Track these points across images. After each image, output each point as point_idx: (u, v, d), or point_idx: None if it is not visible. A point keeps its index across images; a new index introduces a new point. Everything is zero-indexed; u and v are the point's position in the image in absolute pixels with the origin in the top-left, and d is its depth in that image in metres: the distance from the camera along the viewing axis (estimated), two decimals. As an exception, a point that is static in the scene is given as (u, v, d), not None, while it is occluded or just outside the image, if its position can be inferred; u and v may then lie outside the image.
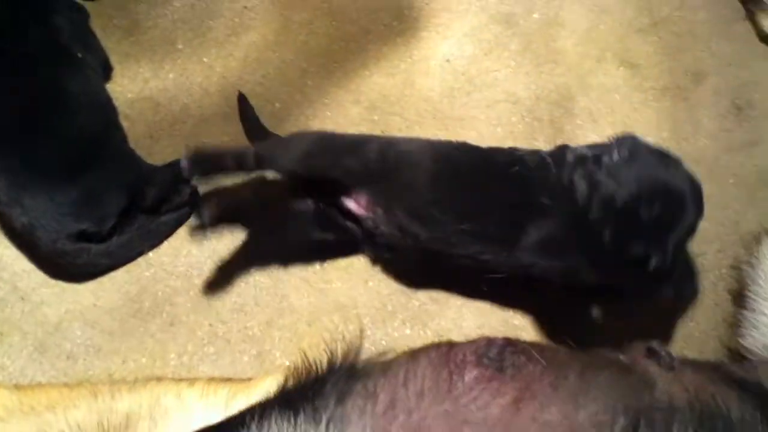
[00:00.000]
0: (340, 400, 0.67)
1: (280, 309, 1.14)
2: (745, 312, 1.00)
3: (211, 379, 1.04)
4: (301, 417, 0.66)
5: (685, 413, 0.65)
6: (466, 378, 0.68)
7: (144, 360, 1.11)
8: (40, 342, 1.10)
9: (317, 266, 1.17)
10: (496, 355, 0.70)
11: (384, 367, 0.72)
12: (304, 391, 0.71)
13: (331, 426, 0.64)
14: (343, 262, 1.17)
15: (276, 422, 0.66)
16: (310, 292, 1.15)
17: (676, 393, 0.69)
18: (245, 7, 1.36)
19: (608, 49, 1.35)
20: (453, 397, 0.66)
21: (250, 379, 1.00)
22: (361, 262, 1.17)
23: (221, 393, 0.97)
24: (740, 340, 0.98)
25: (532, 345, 0.73)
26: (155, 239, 1.17)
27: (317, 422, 0.65)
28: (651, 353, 0.96)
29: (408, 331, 1.14)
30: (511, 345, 0.71)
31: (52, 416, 0.92)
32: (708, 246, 1.16)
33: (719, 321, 1.11)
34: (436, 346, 0.73)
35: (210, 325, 1.12)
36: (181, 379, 1.02)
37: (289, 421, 0.66)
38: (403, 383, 0.68)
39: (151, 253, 1.17)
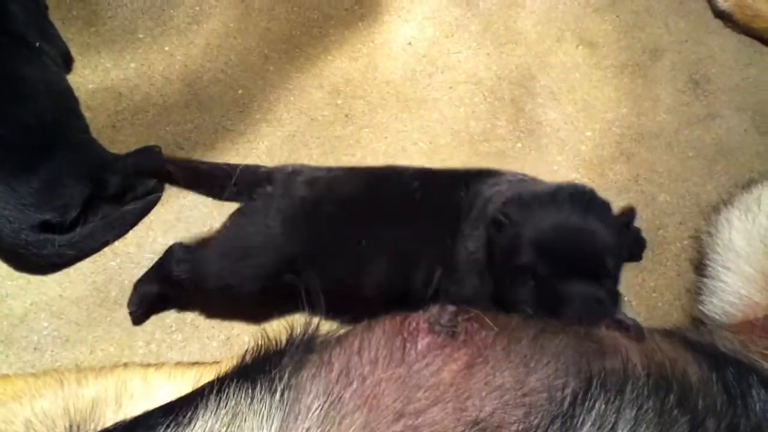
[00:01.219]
0: (296, 370, 0.68)
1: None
2: (704, 280, 1.02)
3: (179, 363, 1.05)
4: (258, 387, 0.66)
5: (639, 378, 0.66)
6: (419, 345, 0.69)
7: (112, 349, 1.10)
8: (5, 335, 1.09)
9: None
10: (447, 321, 0.71)
11: (340, 338, 0.72)
12: (261, 365, 0.71)
13: (286, 393, 0.65)
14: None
15: (234, 393, 0.66)
16: (278, 277, 1.15)
17: (632, 358, 0.69)
18: (206, -5, 1.36)
19: (567, 28, 1.37)
20: (406, 363, 0.66)
21: (217, 362, 1.00)
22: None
23: (188, 376, 0.97)
24: (700, 307, 1.00)
25: (485, 312, 0.74)
26: (120, 228, 1.17)
27: (272, 392, 0.65)
28: (618, 325, 0.98)
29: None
30: (463, 312, 0.72)
31: (18, 406, 0.92)
32: (669, 218, 1.18)
33: (682, 291, 1.12)
34: (391, 317, 0.74)
35: (177, 312, 1.12)
36: (148, 364, 1.02)
37: (246, 391, 0.66)
38: (357, 351, 0.69)
39: (116, 243, 1.16)
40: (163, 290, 1.08)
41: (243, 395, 0.68)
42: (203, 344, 1.10)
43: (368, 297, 0.98)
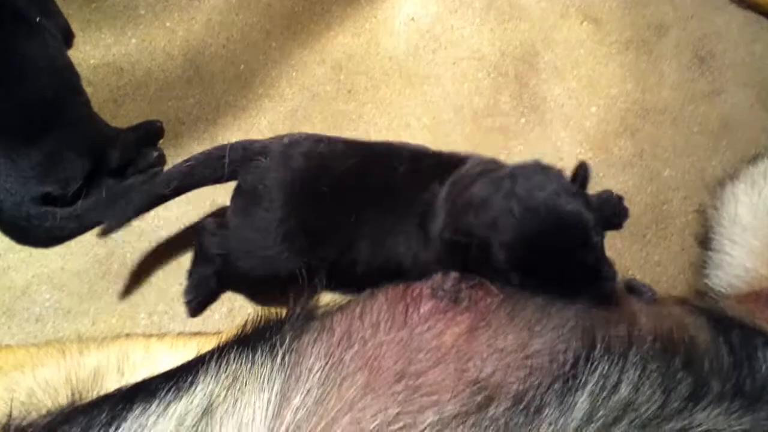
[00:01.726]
0: (297, 335, 0.68)
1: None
2: (710, 253, 1.01)
3: (180, 334, 1.05)
4: (258, 353, 0.66)
5: (645, 342, 0.65)
6: (422, 310, 0.68)
7: (114, 321, 1.10)
8: (7, 307, 1.09)
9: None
10: (450, 288, 0.71)
11: (342, 306, 0.72)
12: (262, 332, 0.71)
13: (287, 357, 0.64)
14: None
15: (234, 359, 0.66)
16: (280, 250, 1.14)
17: (640, 323, 0.69)
18: (207, -30, 1.35)
19: (571, 4, 1.35)
20: (408, 327, 0.66)
21: (219, 333, 1.00)
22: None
23: (190, 346, 0.98)
24: (706, 281, 0.99)
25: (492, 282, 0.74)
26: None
27: (273, 356, 0.65)
28: (631, 289, 0.98)
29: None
30: (466, 279, 0.72)
31: (20, 375, 0.92)
32: (674, 193, 1.17)
33: (686, 265, 1.12)
34: (394, 285, 0.74)
35: (180, 284, 1.12)
36: (150, 335, 1.02)
37: (246, 357, 0.66)
38: (359, 317, 0.68)
39: (118, 216, 1.16)
40: (214, 270, 1.06)
41: (243, 360, 0.68)
42: (205, 316, 1.11)
43: (362, 274, 0.96)
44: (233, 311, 1.10)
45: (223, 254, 1.02)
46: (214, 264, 1.04)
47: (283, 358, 0.66)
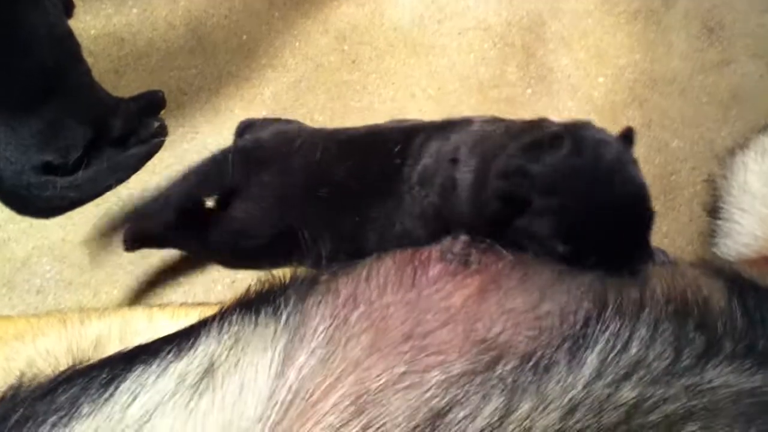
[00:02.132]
0: (301, 298, 0.66)
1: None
2: (719, 222, 1.00)
3: (183, 304, 1.04)
4: (262, 314, 0.65)
5: (658, 303, 0.64)
6: (430, 273, 0.67)
7: (115, 292, 1.10)
8: (8, 278, 1.09)
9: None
10: (460, 250, 0.69)
11: (348, 269, 0.71)
12: (266, 296, 0.70)
13: (291, 318, 0.63)
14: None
15: (237, 320, 0.65)
16: (283, 221, 1.13)
17: (653, 286, 0.67)
18: (209, -61, 1.33)
19: (580, -27, 1.33)
20: (416, 288, 0.65)
21: (222, 303, 0.99)
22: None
23: (193, 315, 0.96)
24: (714, 250, 0.98)
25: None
26: (123, 172, 1.15)
27: (277, 316, 0.64)
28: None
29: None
30: (477, 242, 0.70)
31: (20, 344, 0.91)
32: (682, 164, 1.16)
33: (694, 236, 1.11)
34: (402, 250, 0.72)
35: (182, 256, 1.11)
36: (152, 305, 1.01)
37: (249, 318, 0.65)
38: (365, 279, 0.67)
39: (119, 187, 1.15)
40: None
41: (246, 322, 0.67)
42: (207, 288, 1.10)
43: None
44: (235, 282, 1.09)
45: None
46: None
47: (287, 319, 0.65)
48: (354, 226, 0.91)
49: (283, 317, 0.65)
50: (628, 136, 0.78)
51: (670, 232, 1.10)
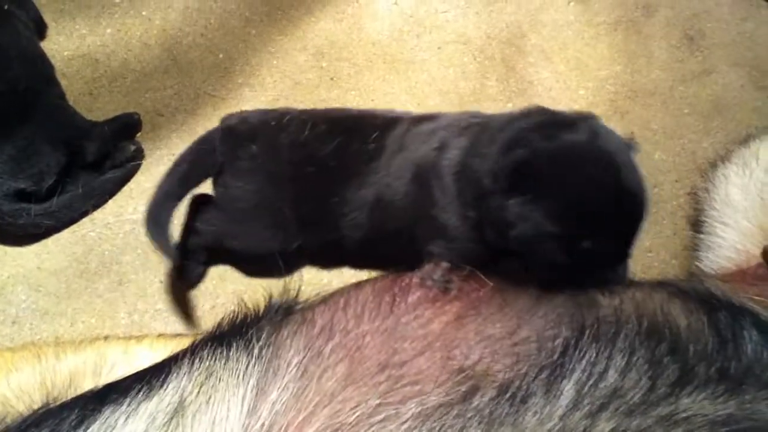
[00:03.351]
0: (275, 329, 0.65)
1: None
2: (701, 236, 0.99)
3: (161, 335, 1.02)
4: (234, 348, 0.64)
5: (632, 327, 0.63)
6: (409, 299, 0.66)
7: (93, 321, 1.07)
8: (-18, 308, 1.06)
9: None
10: (440, 277, 0.68)
11: (325, 297, 0.69)
12: (239, 327, 0.68)
13: (264, 351, 0.62)
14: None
15: (208, 355, 0.64)
16: (263, 243, 1.11)
17: (624, 308, 0.67)
18: (184, -43, 1.31)
19: (558, -15, 1.32)
20: (394, 315, 0.64)
21: (201, 334, 0.97)
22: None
23: (171, 347, 0.94)
24: (697, 263, 0.97)
25: (484, 272, 0.71)
26: (99, 197, 1.13)
27: (249, 350, 0.62)
28: None
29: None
30: (457, 270, 0.69)
31: (-6, 381, 0.89)
32: (665, 176, 1.15)
33: (678, 250, 1.09)
34: (384, 276, 0.71)
35: (160, 282, 1.09)
36: (129, 336, 0.99)
37: (221, 353, 0.64)
38: (342, 307, 0.66)
39: (95, 212, 1.13)
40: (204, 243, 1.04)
41: (218, 356, 0.65)
42: (187, 314, 1.07)
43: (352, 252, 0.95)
44: (215, 308, 1.07)
45: (213, 231, 1.00)
46: (205, 238, 1.02)
47: (260, 352, 0.63)
48: (332, 208, 0.92)
49: (256, 350, 0.64)
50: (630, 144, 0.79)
51: (654, 246, 1.08)
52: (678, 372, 0.57)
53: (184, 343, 0.93)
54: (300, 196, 0.94)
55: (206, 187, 1.01)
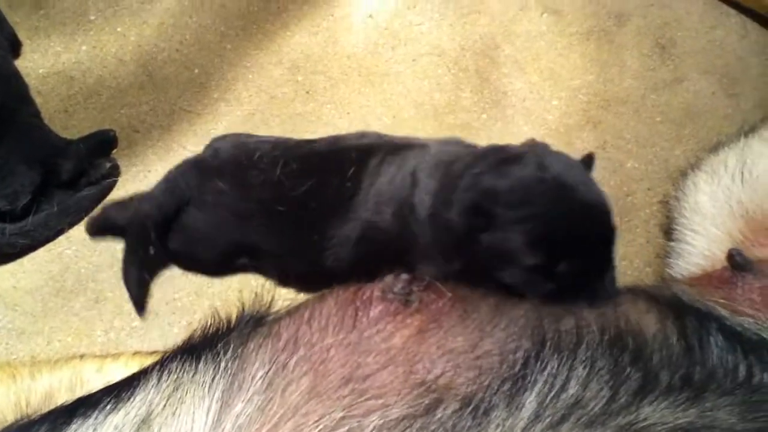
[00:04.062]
0: (242, 342, 0.65)
1: (208, 277, 1.10)
2: (672, 243, 1.00)
3: (137, 353, 1.01)
4: (202, 361, 0.64)
5: (594, 337, 0.64)
6: (371, 313, 0.66)
7: (70, 339, 1.07)
8: (-42, 328, 1.06)
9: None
10: (401, 289, 0.68)
11: (291, 310, 0.70)
12: (208, 341, 0.68)
13: (230, 364, 0.62)
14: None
15: (176, 368, 0.64)
16: (240, 258, 1.12)
17: (586, 317, 0.67)
18: (158, -27, 1.32)
19: (531, -4, 1.34)
20: (357, 330, 0.64)
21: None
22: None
23: (146, 364, 0.95)
24: (668, 270, 0.98)
25: (444, 283, 0.71)
26: (75, 215, 1.13)
27: (216, 363, 0.63)
28: None
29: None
30: (418, 280, 0.69)
31: (-33, 402, 0.88)
32: (638, 185, 1.16)
33: (652, 257, 1.10)
34: (344, 288, 0.71)
35: (136, 298, 1.08)
36: (105, 355, 0.99)
37: (189, 365, 0.64)
38: (307, 321, 0.66)
39: (71, 230, 1.13)
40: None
41: (186, 369, 0.66)
42: (164, 330, 1.07)
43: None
44: (192, 324, 1.06)
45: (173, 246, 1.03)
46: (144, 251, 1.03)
47: (226, 365, 0.64)
48: (313, 245, 0.93)
49: (222, 363, 0.64)
50: (587, 162, 0.82)
51: (628, 254, 1.09)
52: (640, 380, 0.57)
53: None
54: (275, 232, 0.95)
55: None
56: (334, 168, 0.93)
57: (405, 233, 0.85)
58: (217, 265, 1.05)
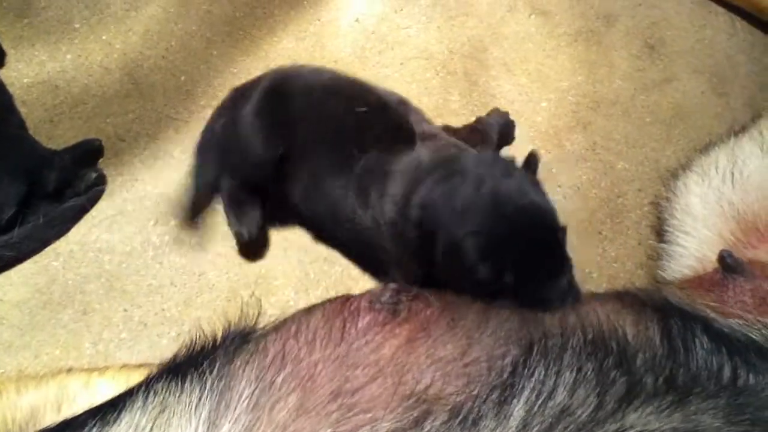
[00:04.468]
0: (228, 360, 0.64)
1: (198, 287, 1.09)
2: (663, 245, 0.99)
3: (124, 366, 1.00)
4: (188, 380, 0.63)
5: (579, 341, 0.63)
6: (359, 324, 0.65)
7: (57, 352, 1.05)
8: (-57, 343, 1.04)
9: (234, 239, 1.12)
10: (389, 299, 0.68)
11: (277, 325, 0.69)
12: (194, 359, 0.67)
13: (216, 383, 0.61)
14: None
15: (162, 388, 0.63)
16: (229, 267, 1.11)
17: (569, 321, 0.67)
18: (143, -20, 1.31)
19: (519, -3, 1.33)
20: (345, 342, 0.63)
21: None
22: (279, 233, 1.13)
23: (133, 378, 0.93)
24: (660, 272, 0.97)
25: (432, 292, 0.71)
26: (61, 227, 1.12)
27: (202, 383, 0.62)
28: None
29: (333, 298, 1.10)
30: (405, 290, 0.69)
31: (-49, 419, 0.87)
32: (628, 186, 1.15)
33: (644, 259, 1.09)
34: (332, 299, 0.70)
35: (125, 310, 1.07)
36: (92, 369, 0.98)
37: (175, 385, 0.63)
38: (294, 335, 0.65)
39: (58, 242, 1.11)
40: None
41: (172, 389, 0.64)
42: (152, 342, 1.06)
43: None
44: (180, 335, 1.05)
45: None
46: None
47: (212, 384, 0.62)
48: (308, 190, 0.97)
49: (208, 382, 0.63)
50: (531, 162, 0.84)
51: (619, 257, 1.08)
52: (625, 386, 0.57)
53: (147, 373, 0.93)
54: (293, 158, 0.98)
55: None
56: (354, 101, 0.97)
57: (378, 234, 0.89)
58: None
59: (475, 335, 0.62)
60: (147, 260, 1.10)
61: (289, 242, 1.12)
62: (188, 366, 0.66)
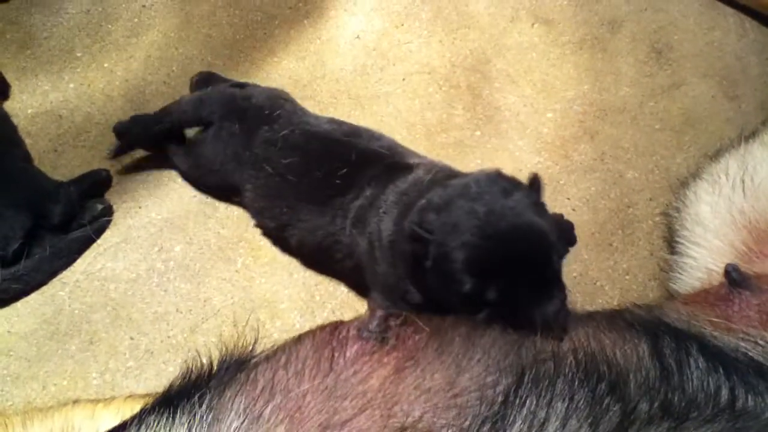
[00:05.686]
0: (220, 392, 0.63)
1: (203, 313, 1.09)
2: (674, 257, 0.96)
3: (130, 397, 1.00)
4: (179, 413, 0.62)
5: (570, 367, 0.61)
6: (348, 353, 0.64)
7: (65, 383, 1.05)
8: (-48, 376, 1.05)
9: (239, 264, 1.12)
10: (376, 327, 0.66)
11: (268, 355, 0.67)
12: (187, 390, 0.66)
13: (206, 415, 0.60)
14: (265, 258, 1.12)
15: (154, 422, 0.62)
16: (234, 292, 1.10)
17: (561, 344, 0.65)
18: (143, 6, 1.32)
19: (521, 7, 1.31)
20: (334, 372, 0.61)
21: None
22: (284, 256, 1.12)
23: (138, 408, 0.93)
24: (672, 284, 0.94)
25: (418, 315, 0.69)
26: (67, 258, 1.12)
27: (193, 415, 0.60)
28: None
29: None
30: (393, 317, 0.67)
31: (-44, 454, 0.87)
32: (638, 195, 1.12)
33: (656, 270, 1.06)
34: (322, 327, 0.69)
35: (131, 338, 1.07)
36: (97, 400, 0.98)
37: (167, 418, 0.62)
38: (283, 365, 0.64)
39: (64, 272, 1.11)
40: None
41: (163, 422, 0.63)
42: (159, 370, 1.05)
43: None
44: (187, 361, 1.04)
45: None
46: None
47: (201, 418, 0.61)
48: (280, 215, 1.02)
49: (198, 415, 0.62)
50: (534, 183, 0.83)
51: (631, 269, 1.05)
52: (619, 414, 0.54)
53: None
54: (259, 187, 1.04)
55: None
56: (331, 158, 0.99)
57: (369, 255, 0.90)
58: (207, 188, 1.15)
59: (463, 363, 0.60)
60: (152, 287, 1.10)
61: (294, 265, 1.11)
62: (180, 398, 0.65)
